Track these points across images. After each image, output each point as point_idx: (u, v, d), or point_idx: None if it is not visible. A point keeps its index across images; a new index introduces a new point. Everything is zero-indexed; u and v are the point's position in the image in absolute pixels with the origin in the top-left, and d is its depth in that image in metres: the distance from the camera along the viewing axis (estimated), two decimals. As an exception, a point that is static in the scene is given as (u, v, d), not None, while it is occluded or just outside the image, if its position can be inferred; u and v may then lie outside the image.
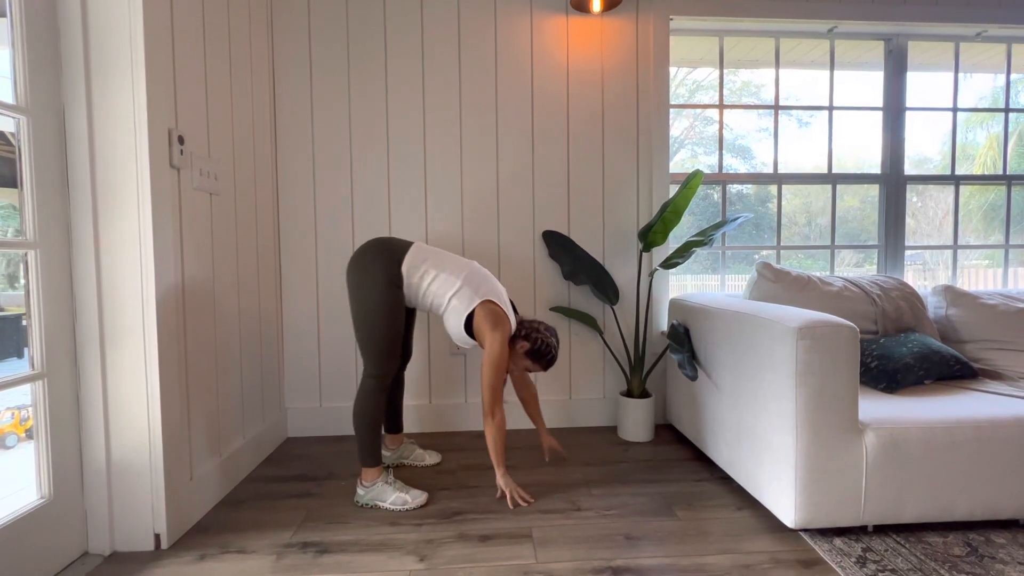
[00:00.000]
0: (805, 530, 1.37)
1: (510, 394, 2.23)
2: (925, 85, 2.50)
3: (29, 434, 1.20)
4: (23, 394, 1.19)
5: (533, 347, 1.58)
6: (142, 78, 1.25)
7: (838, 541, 1.32)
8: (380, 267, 1.49)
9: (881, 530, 1.37)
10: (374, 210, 2.15)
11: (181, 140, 1.39)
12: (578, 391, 2.26)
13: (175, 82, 1.39)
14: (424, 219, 2.16)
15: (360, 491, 1.53)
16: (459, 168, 2.17)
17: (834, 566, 1.21)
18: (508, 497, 1.53)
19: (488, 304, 1.51)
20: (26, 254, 1.16)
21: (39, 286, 1.17)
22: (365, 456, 1.52)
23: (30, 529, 1.14)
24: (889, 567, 1.20)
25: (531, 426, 2.23)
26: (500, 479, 1.55)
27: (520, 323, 1.62)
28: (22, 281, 1.17)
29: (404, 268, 1.51)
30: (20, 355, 1.19)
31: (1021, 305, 1.90)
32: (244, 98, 1.81)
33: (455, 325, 1.54)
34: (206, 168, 1.52)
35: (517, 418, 2.23)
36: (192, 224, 1.48)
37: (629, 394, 2.11)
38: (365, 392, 1.51)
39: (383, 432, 1.84)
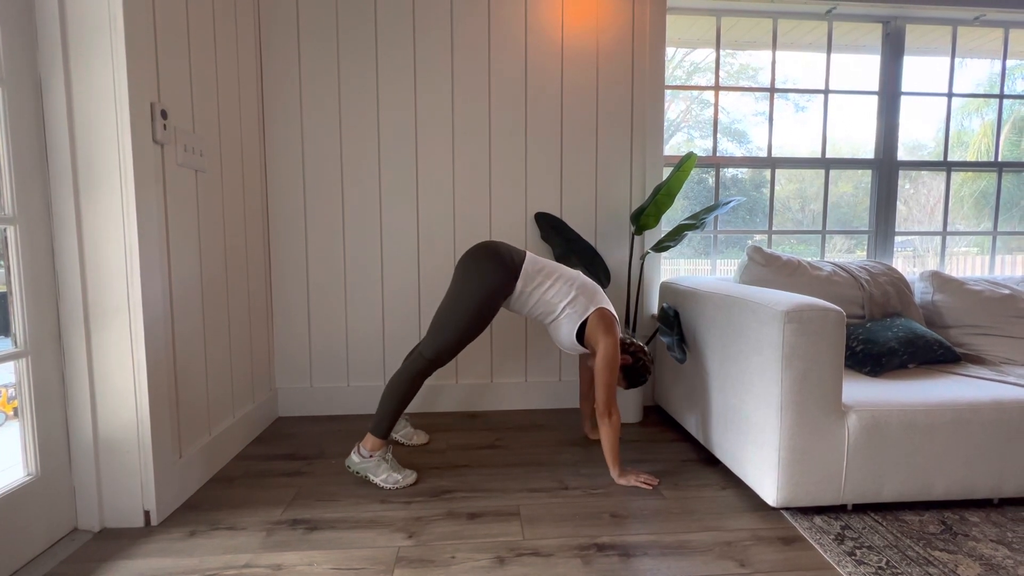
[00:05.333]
0: (787, 509, 1.40)
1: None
2: (922, 70, 2.48)
3: (17, 412, 1.19)
4: (9, 373, 1.18)
5: (633, 365, 1.67)
6: (122, 49, 1.21)
7: (818, 519, 1.35)
8: (496, 275, 1.51)
9: (860, 509, 1.41)
10: (364, 188, 2.12)
11: (164, 114, 1.35)
12: (567, 373, 2.28)
13: (157, 54, 1.35)
14: (415, 198, 2.14)
15: (355, 457, 1.53)
16: (451, 147, 2.14)
17: (813, 543, 1.24)
18: (637, 485, 1.53)
19: (601, 310, 1.56)
20: (4, 230, 1.14)
21: (19, 263, 1.15)
22: (379, 426, 1.51)
23: (18, 506, 1.14)
24: (866, 544, 1.23)
25: (520, 407, 2.25)
26: (620, 479, 1.55)
27: (623, 339, 1.70)
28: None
29: (520, 281, 1.54)
30: (7, 333, 1.18)
31: (1006, 291, 1.93)
32: (230, 71, 1.77)
33: (568, 332, 1.58)
34: (191, 144, 1.49)
35: (506, 399, 2.25)
36: (177, 201, 1.45)
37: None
38: (413, 371, 1.52)
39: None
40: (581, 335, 1.58)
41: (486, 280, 1.50)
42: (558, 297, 1.57)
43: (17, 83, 1.14)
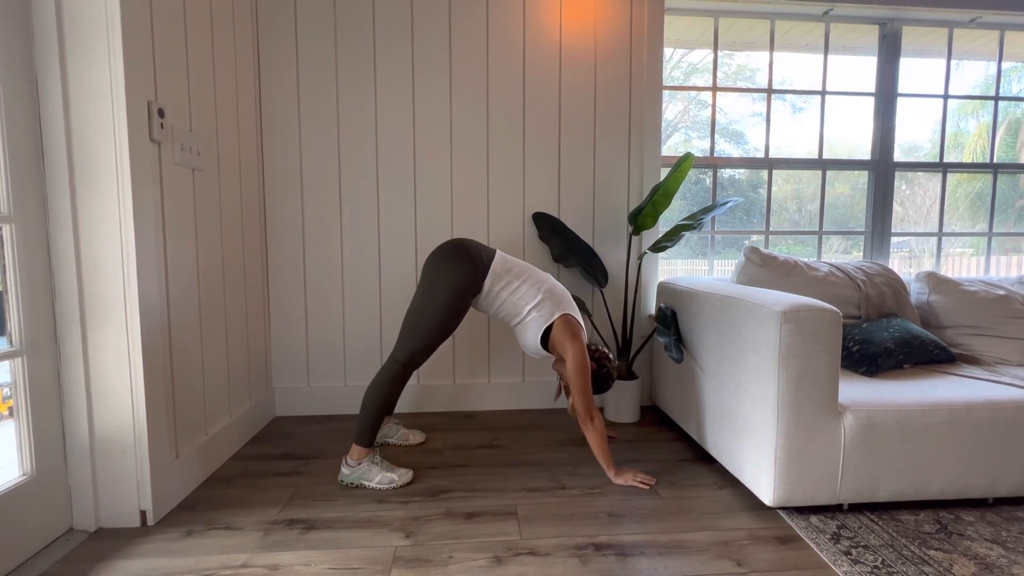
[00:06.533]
0: (783, 508, 1.41)
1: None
2: (918, 72, 2.49)
3: (12, 412, 1.19)
4: (5, 372, 1.17)
5: (597, 372, 1.66)
6: (119, 47, 1.20)
7: (814, 519, 1.35)
8: (464, 273, 1.49)
9: (856, 508, 1.41)
10: (362, 188, 2.12)
11: (161, 113, 1.35)
12: (566, 373, 2.28)
13: (154, 52, 1.35)
14: (413, 198, 2.14)
15: (345, 470, 1.53)
16: (449, 147, 2.14)
17: (809, 542, 1.24)
18: (634, 484, 1.53)
19: (567, 317, 1.55)
20: (0, 228, 1.13)
21: (15, 262, 1.15)
22: (362, 435, 1.51)
23: (13, 505, 1.13)
24: (862, 543, 1.24)
25: (517, 406, 2.25)
26: (617, 479, 1.55)
27: (588, 345, 1.68)
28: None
29: (488, 280, 1.53)
30: (2, 332, 1.17)
31: (1001, 292, 1.94)
32: (227, 70, 1.76)
33: (532, 335, 1.57)
34: (188, 143, 1.48)
35: (503, 399, 2.25)
36: (174, 200, 1.44)
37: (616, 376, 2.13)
38: (389, 376, 1.51)
39: None
40: (546, 340, 1.57)
41: (454, 278, 1.49)
42: (524, 299, 1.55)
43: (13, 81, 1.13)
